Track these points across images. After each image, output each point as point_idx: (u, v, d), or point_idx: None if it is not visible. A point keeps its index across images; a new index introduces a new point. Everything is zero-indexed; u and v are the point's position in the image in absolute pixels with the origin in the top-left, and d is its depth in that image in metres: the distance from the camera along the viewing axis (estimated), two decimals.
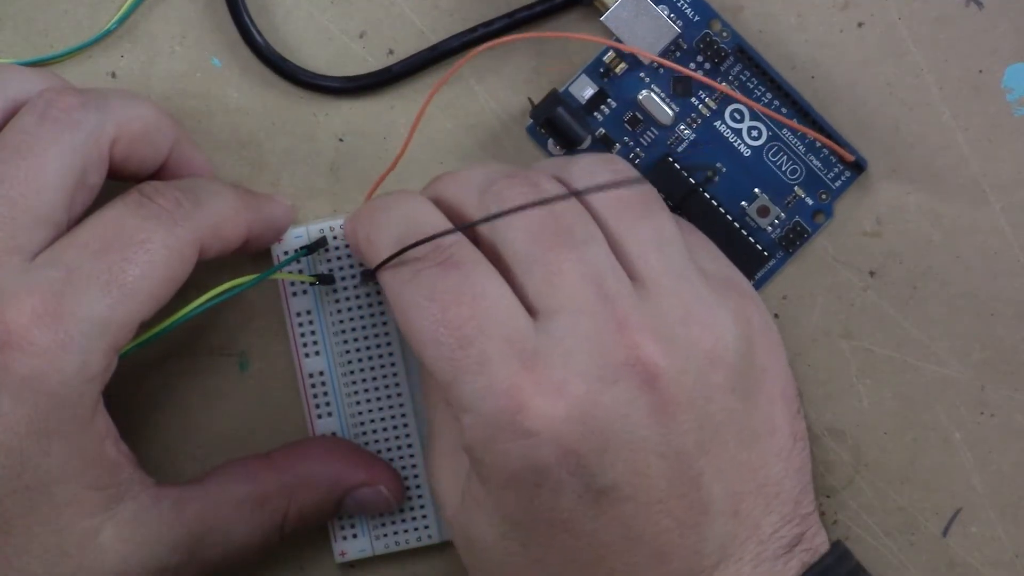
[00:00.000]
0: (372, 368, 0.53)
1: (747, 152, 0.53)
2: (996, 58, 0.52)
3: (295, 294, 0.53)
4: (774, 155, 0.53)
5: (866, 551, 0.53)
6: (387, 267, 0.47)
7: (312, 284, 0.53)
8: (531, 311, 0.47)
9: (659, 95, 0.53)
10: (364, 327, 0.53)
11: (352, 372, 0.53)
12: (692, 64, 0.53)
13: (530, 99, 0.53)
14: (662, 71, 0.53)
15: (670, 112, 0.53)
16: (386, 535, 0.54)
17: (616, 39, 0.52)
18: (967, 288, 0.53)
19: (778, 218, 0.53)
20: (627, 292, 0.47)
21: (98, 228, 0.47)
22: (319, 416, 0.53)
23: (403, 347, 0.53)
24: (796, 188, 0.53)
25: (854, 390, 0.53)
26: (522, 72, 0.53)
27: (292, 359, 0.53)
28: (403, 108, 0.53)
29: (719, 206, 0.53)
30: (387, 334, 0.53)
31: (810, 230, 0.53)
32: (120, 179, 0.50)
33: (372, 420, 0.53)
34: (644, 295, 0.47)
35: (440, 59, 0.53)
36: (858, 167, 0.53)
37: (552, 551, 0.47)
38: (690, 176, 0.53)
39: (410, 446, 0.53)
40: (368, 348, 0.53)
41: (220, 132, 0.53)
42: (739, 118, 0.53)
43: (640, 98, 0.53)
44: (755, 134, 0.53)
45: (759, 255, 0.53)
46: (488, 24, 0.53)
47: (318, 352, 0.53)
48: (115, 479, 0.48)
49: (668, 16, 0.52)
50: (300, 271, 0.53)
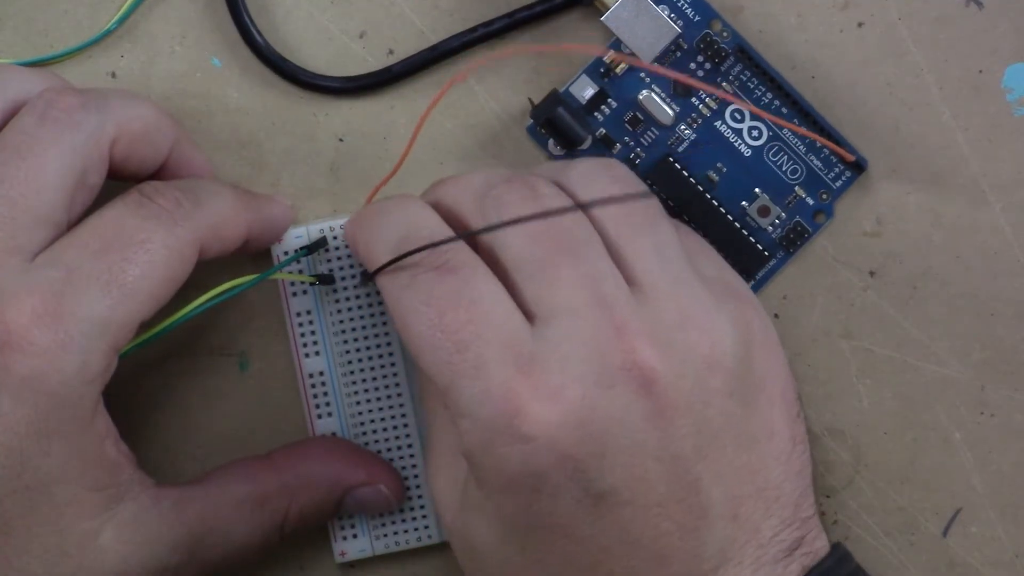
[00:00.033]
0: (372, 368, 0.53)
1: (747, 152, 0.53)
2: (996, 58, 0.52)
3: (295, 294, 0.53)
4: (774, 155, 0.53)
5: (866, 551, 0.53)
6: (385, 271, 0.47)
7: (312, 284, 0.53)
8: (529, 316, 0.46)
9: (659, 95, 0.53)
10: (364, 327, 0.53)
11: (352, 372, 0.53)
12: (692, 64, 0.53)
13: (530, 99, 0.53)
14: None
15: (670, 112, 0.53)
16: (386, 535, 0.54)
17: (616, 39, 0.52)
18: (967, 288, 0.53)
19: (778, 218, 0.53)
20: (624, 297, 0.46)
21: (98, 228, 0.47)
22: (319, 416, 0.53)
23: (403, 347, 0.53)
24: (796, 188, 0.53)
25: (854, 390, 0.53)
26: (522, 72, 0.53)
27: (292, 359, 0.53)
28: (403, 108, 0.53)
29: (720, 206, 0.53)
30: (387, 334, 0.53)
31: (811, 230, 0.53)
32: (120, 179, 0.50)
33: (372, 420, 0.53)
34: (642, 300, 0.47)
35: (440, 59, 0.53)
36: (858, 167, 0.53)
37: (551, 555, 0.47)
38: (691, 176, 0.53)
39: (410, 446, 0.53)
40: (368, 348, 0.53)
41: (220, 132, 0.53)
42: (739, 118, 0.53)
43: (640, 98, 0.53)
44: (755, 134, 0.53)
45: (759, 255, 0.53)
46: (488, 24, 0.53)
47: (318, 352, 0.53)
48: (115, 479, 0.48)
49: (668, 16, 0.52)
50: (300, 271, 0.53)
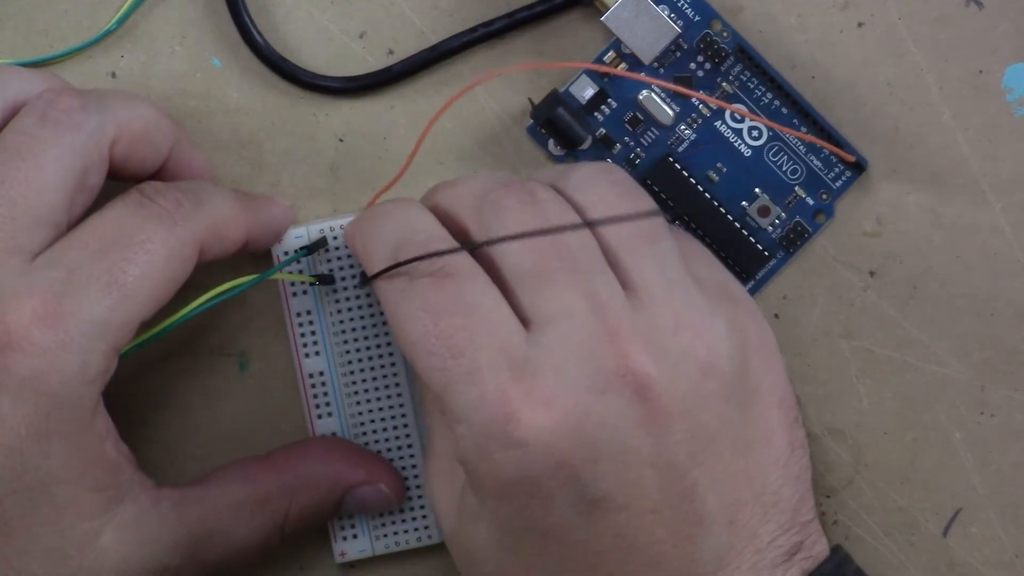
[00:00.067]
0: (372, 368, 0.53)
1: (747, 152, 0.53)
2: (996, 58, 0.52)
3: (295, 294, 0.53)
4: (775, 155, 0.53)
5: (866, 551, 0.53)
6: (382, 275, 0.47)
7: (312, 284, 0.53)
8: (524, 321, 0.46)
9: (659, 95, 0.53)
10: (364, 327, 0.53)
11: (352, 372, 0.53)
12: (692, 64, 0.53)
13: (530, 99, 0.53)
14: (662, 71, 0.53)
15: (670, 112, 0.53)
16: (386, 535, 0.54)
17: (616, 39, 0.52)
18: (967, 288, 0.53)
19: (779, 218, 0.53)
20: (619, 302, 0.46)
21: (98, 228, 0.47)
22: (319, 416, 0.53)
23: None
24: (797, 188, 0.53)
25: (854, 390, 0.53)
26: (522, 72, 0.53)
27: (292, 359, 0.53)
28: (403, 108, 0.53)
29: (720, 206, 0.53)
30: (387, 334, 0.53)
31: (811, 230, 0.53)
32: (120, 180, 0.50)
33: (372, 420, 0.53)
34: (637, 305, 0.47)
35: (440, 59, 0.53)
36: (858, 167, 0.53)
37: (546, 560, 0.47)
38: (691, 176, 0.53)
39: (410, 446, 0.53)
40: (368, 348, 0.53)
41: (220, 132, 0.53)
42: (739, 118, 0.53)
43: (640, 98, 0.53)
44: (755, 134, 0.53)
45: (759, 255, 0.53)
46: (488, 24, 0.53)
47: (318, 352, 0.53)
48: (115, 480, 0.48)
49: (668, 16, 0.52)
50: (300, 271, 0.53)
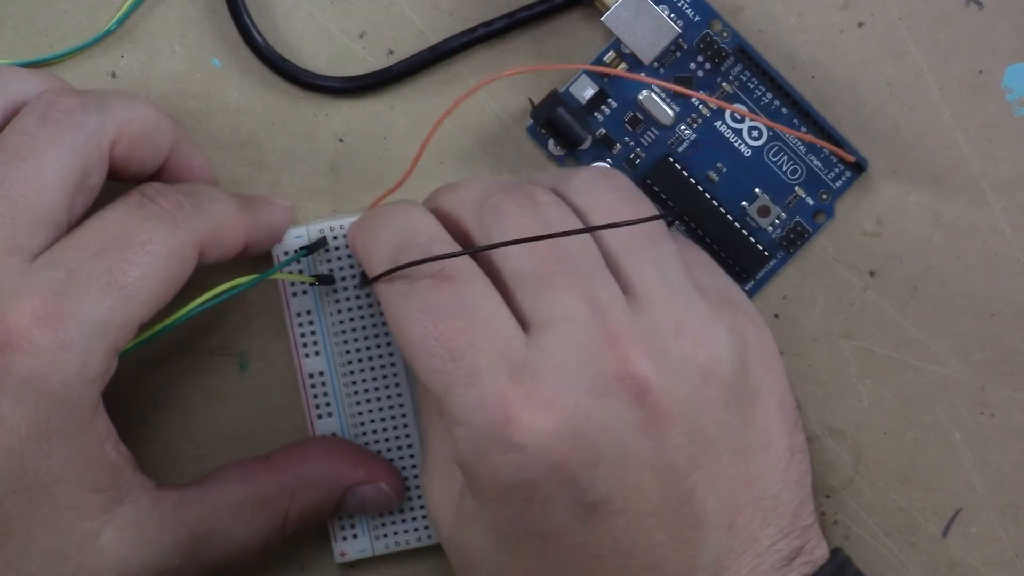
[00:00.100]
0: (372, 368, 0.53)
1: (748, 152, 0.53)
2: (996, 58, 0.52)
3: (295, 294, 0.53)
4: (775, 155, 0.53)
5: (866, 551, 0.53)
6: (383, 277, 0.47)
7: (312, 284, 0.53)
8: (524, 324, 0.46)
9: (659, 95, 0.53)
10: (364, 327, 0.53)
11: (352, 372, 0.53)
12: (692, 64, 0.53)
13: (530, 99, 0.53)
14: (662, 71, 0.53)
15: (670, 112, 0.53)
16: (386, 535, 0.54)
17: (616, 39, 0.52)
18: (967, 288, 0.53)
19: (779, 218, 0.53)
20: (620, 306, 0.46)
21: (99, 229, 0.47)
22: (319, 416, 0.53)
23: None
24: (797, 188, 0.53)
25: (854, 390, 0.53)
26: (523, 73, 0.53)
27: (292, 359, 0.53)
28: (403, 108, 0.53)
29: (720, 206, 0.53)
30: (387, 334, 0.53)
31: (811, 230, 0.53)
32: (120, 180, 0.50)
33: (372, 420, 0.53)
34: (637, 309, 0.47)
35: (440, 59, 0.53)
36: (858, 167, 0.53)
37: (545, 564, 0.47)
38: (691, 176, 0.53)
39: (410, 446, 0.53)
40: (368, 348, 0.53)
41: (220, 132, 0.53)
42: (739, 118, 0.53)
43: (640, 98, 0.53)
44: (755, 134, 0.53)
45: (759, 255, 0.53)
46: (488, 24, 0.53)
47: (318, 352, 0.53)
48: (115, 481, 0.48)
49: (668, 16, 0.52)
50: (300, 271, 0.53)
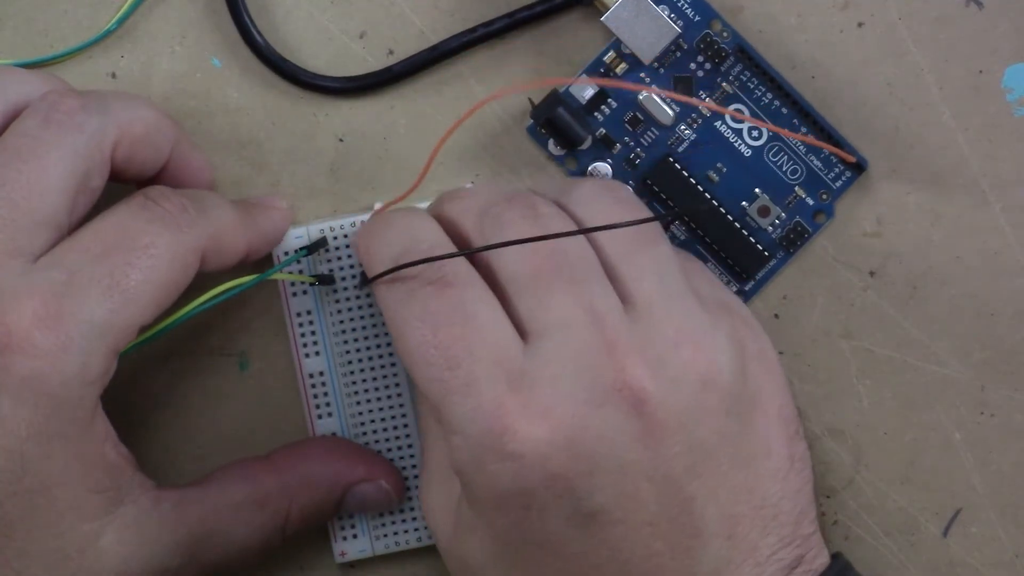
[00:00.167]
0: (372, 368, 0.53)
1: (748, 152, 0.53)
2: (996, 58, 0.52)
3: (295, 294, 0.53)
4: (775, 155, 0.53)
5: (866, 551, 0.53)
6: (383, 281, 0.47)
7: (312, 284, 0.53)
8: (522, 333, 0.46)
9: (659, 95, 0.53)
10: (364, 327, 0.53)
11: (352, 372, 0.53)
12: (692, 64, 0.53)
13: (530, 99, 0.53)
14: (662, 71, 0.53)
15: (670, 112, 0.53)
16: (386, 535, 0.54)
17: (616, 39, 0.52)
18: (967, 288, 0.53)
19: (779, 218, 0.53)
20: (618, 315, 0.46)
21: (101, 231, 0.47)
22: (319, 416, 0.53)
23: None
24: (797, 188, 0.53)
25: (854, 390, 0.53)
26: (522, 72, 0.53)
27: (292, 359, 0.53)
28: (403, 108, 0.53)
29: (720, 206, 0.53)
30: (387, 334, 0.53)
31: (811, 230, 0.53)
32: (121, 181, 0.50)
33: (372, 420, 0.53)
34: (635, 317, 0.47)
35: (440, 59, 0.53)
36: (859, 167, 0.53)
37: (543, 572, 0.47)
38: (691, 176, 0.53)
39: (410, 446, 0.53)
40: (368, 348, 0.53)
41: (220, 132, 0.53)
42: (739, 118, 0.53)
43: (640, 98, 0.53)
44: (755, 134, 0.53)
45: (759, 255, 0.53)
46: (488, 24, 0.53)
47: (318, 352, 0.53)
48: (115, 482, 0.48)
49: (668, 16, 0.52)
50: (300, 271, 0.53)
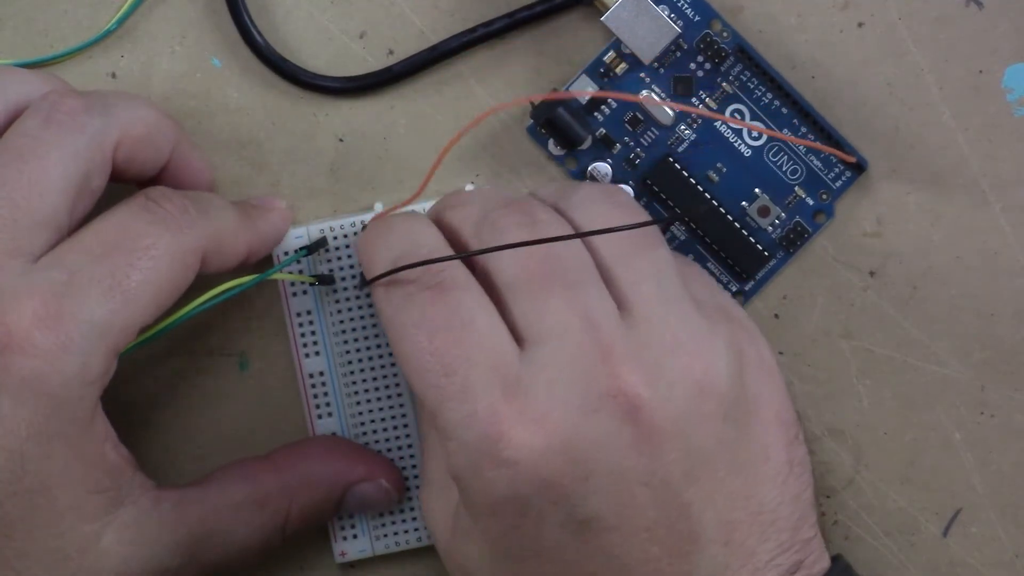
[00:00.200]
0: (372, 368, 0.53)
1: (747, 152, 0.53)
2: (996, 58, 0.52)
3: (295, 294, 0.53)
4: (774, 155, 0.53)
5: (866, 551, 0.53)
6: (380, 285, 0.47)
7: (312, 284, 0.53)
8: (518, 339, 0.46)
9: (659, 95, 0.53)
10: (364, 327, 0.53)
11: (352, 372, 0.53)
12: (692, 64, 0.53)
13: (530, 99, 0.53)
14: (662, 71, 0.53)
15: (670, 112, 0.53)
16: (386, 535, 0.54)
17: (616, 39, 0.52)
18: (967, 288, 0.53)
19: (779, 218, 0.53)
20: (613, 321, 0.46)
21: (102, 232, 0.47)
22: (319, 416, 0.53)
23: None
24: (796, 188, 0.53)
25: (854, 390, 0.53)
26: (522, 72, 0.53)
27: (292, 359, 0.53)
28: (403, 108, 0.53)
29: (720, 206, 0.53)
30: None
31: (811, 230, 0.53)
32: (122, 182, 0.50)
33: (372, 420, 0.53)
34: (631, 324, 0.47)
35: (440, 59, 0.53)
36: (859, 167, 0.53)
37: None
38: (691, 176, 0.53)
39: (410, 446, 0.53)
40: (368, 348, 0.53)
41: (220, 132, 0.53)
42: (739, 118, 0.53)
43: (640, 97, 0.53)
44: (755, 134, 0.53)
45: (759, 255, 0.53)
46: (488, 24, 0.53)
47: (318, 352, 0.53)
48: (115, 482, 0.48)
49: (668, 16, 0.52)
50: (300, 271, 0.53)
